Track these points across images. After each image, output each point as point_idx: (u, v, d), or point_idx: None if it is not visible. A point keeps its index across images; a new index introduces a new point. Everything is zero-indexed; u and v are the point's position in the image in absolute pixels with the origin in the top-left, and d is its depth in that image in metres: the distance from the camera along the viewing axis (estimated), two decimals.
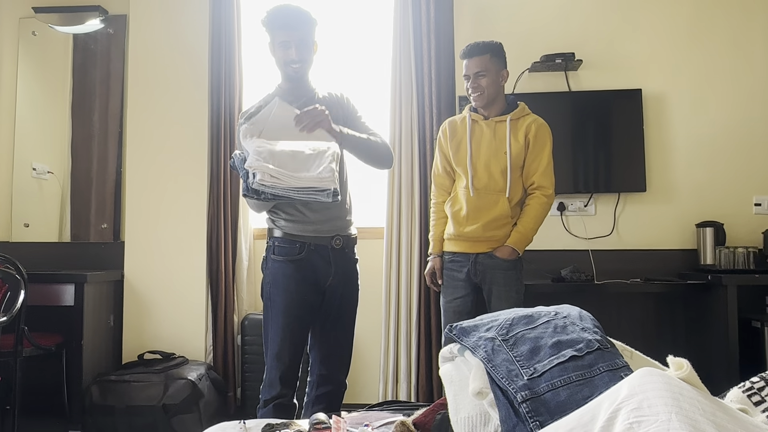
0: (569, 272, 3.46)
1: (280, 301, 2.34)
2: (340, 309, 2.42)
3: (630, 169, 3.70)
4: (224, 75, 3.87)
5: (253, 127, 2.27)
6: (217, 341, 3.78)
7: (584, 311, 1.42)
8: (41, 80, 4.16)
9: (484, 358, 1.32)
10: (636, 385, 0.97)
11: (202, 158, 3.84)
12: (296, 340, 2.36)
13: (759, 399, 1.29)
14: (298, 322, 2.36)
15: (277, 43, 2.37)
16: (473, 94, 2.82)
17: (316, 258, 2.34)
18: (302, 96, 2.43)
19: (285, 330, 2.33)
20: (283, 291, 2.34)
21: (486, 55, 2.78)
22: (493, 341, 1.36)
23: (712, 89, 3.75)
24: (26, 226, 4.06)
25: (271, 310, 2.37)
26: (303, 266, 2.34)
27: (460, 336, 1.44)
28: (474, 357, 1.37)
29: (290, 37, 2.35)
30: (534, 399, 1.18)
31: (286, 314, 2.34)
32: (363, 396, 3.70)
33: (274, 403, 2.31)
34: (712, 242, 3.53)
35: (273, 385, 2.33)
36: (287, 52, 2.37)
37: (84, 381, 3.40)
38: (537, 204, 2.81)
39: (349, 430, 1.56)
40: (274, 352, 2.34)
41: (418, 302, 3.67)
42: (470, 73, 2.80)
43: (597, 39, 3.81)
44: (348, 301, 2.46)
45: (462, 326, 1.47)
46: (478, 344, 1.38)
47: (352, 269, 2.47)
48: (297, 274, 2.34)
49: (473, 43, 2.83)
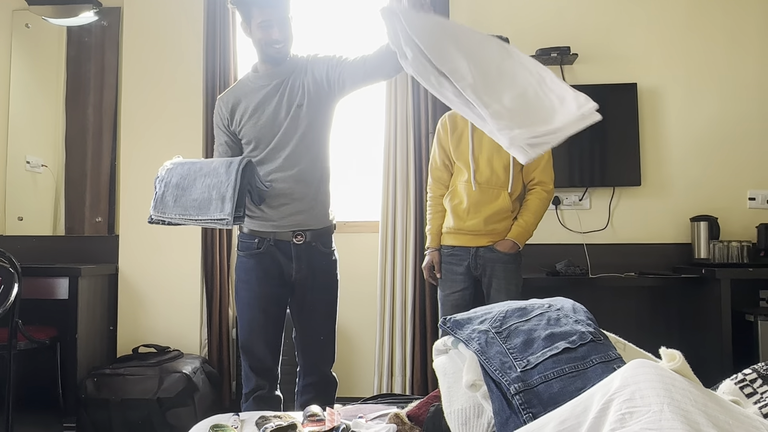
0: (564, 266, 3.46)
1: (244, 295, 2.38)
2: (313, 302, 2.39)
3: (625, 163, 3.71)
4: (219, 67, 3.86)
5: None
6: (212, 335, 3.78)
7: (578, 304, 1.42)
8: (35, 73, 4.13)
9: (477, 350, 1.32)
10: (628, 376, 0.98)
11: (197, 151, 3.83)
12: (265, 332, 2.36)
13: (751, 391, 1.30)
14: (264, 315, 2.36)
15: (256, 23, 2.24)
16: None
17: (277, 253, 2.33)
18: (272, 79, 2.33)
19: (251, 323, 2.36)
20: (246, 285, 2.37)
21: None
22: (486, 333, 1.36)
23: (707, 84, 3.76)
24: (20, 219, 4.04)
25: (237, 303, 2.42)
26: (263, 260, 2.34)
27: (454, 328, 1.45)
28: (467, 349, 1.37)
29: (270, 16, 2.22)
30: (527, 391, 1.18)
31: (250, 307, 2.36)
32: (358, 389, 3.71)
33: (254, 396, 2.33)
34: (706, 236, 3.54)
35: (248, 378, 2.36)
36: (269, 32, 2.24)
37: (78, 374, 3.39)
38: (537, 199, 2.84)
39: (342, 421, 1.56)
40: (242, 345, 2.39)
41: (413, 296, 3.68)
42: None
43: (592, 33, 3.80)
44: (321, 293, 2.40)
45: (456, 319, 1.47)
46: (471, 337, 1.38)
47: (323, 262, 2.39)
48: (258, 267, 2.34)
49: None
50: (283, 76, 2.34)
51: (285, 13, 2.26)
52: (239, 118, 2.35)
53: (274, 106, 2.32)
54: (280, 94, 2.32)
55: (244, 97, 2.35)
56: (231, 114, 2.36)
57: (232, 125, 2.37)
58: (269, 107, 2.32)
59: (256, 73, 2.38)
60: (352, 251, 2.60)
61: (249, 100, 2.34)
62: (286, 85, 2.33)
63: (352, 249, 2.61)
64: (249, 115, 2.33)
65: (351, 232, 3.81)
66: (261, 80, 2.35)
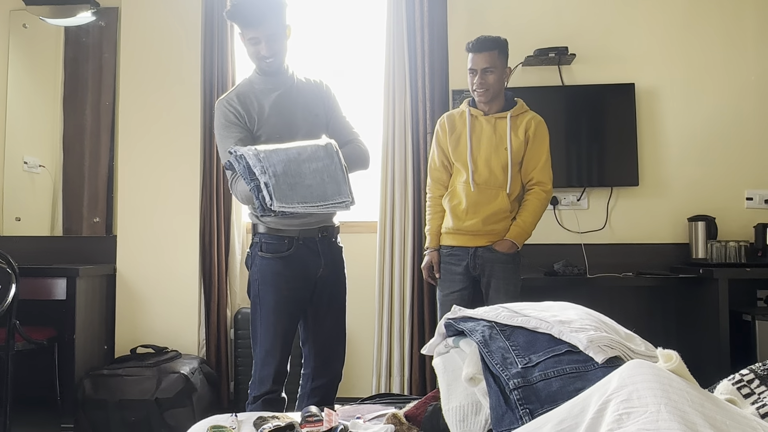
0: (562, 266, 3.47)
1: (270, 299, 2.32)
2: (330, 298, 2.42)
3: (623, 163, 3.71)
4: (216, 68, 3.85)
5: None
6: (210, 335, 3.78)
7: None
8: (32, 73, 4.13)
9: (480, 341, 1.33)
10: (626, 376, 0.98)
11: (195, 152, 3.83)
12: (287, 337, 2.35)
13: (749, 391, 1.30)
14: (288, 319, 2.35)
15: (246, 38, 2.28)
16: (478, 89, 2.81)
17: (304, 251, 2.33)
18: (280, 85, 2.37)
19: (276, 327, 2.32)
20: (273, 288, 2.32)
21: (494, 51, 2.77)
22: (491, 328, 1.37)
23: (704, 84, 3.76)
24: (18, 220, 4.04)
25: (261, 308, 2.34)
26: (292, 261, 2.32)
27: (459, 322, 1.46)
28: (469, 346, 1.38)
29: (257, 33, 2.24)
30: (526, 387, 1.19)
31: (276, 312, 2.32)
32: (356, 389, 3.71)
33: (263, 399, 2.31)
34: (704, 236, 3.54)
35: (264, 382, 2.32)
36: (257, 48, 2.27)
37: (76, 375, 3.39)
38: (536, 199, 2.84)
39: (340, 422, 1.56)
40: (265, 350, 2.33)
41: (411, 296, 3.68)
42: (477, 68, 2.78)
43: (590, 33, 3.81)
44: (338, 289, 2.46)
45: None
46: (475, 329, 1.38)
47: (339, 257, 2.47)
48: (286, 270, 2.32)
49: (482, 37, 2.81)
50: (291, 83, 2.40)
51: (274, 29, 2.27)
52: (256, 116, 2.34)
53: (291, 108, 2.36)
54: (293, 98, 2.37)
55: (257, 97, 2.36)
56: (246, 112, 2.35)
57: (248, 122, 2.35)
58: (286, 109, 2.35)
59: (263, 77, 2.39)
60: (350, 251, 2.59)
61: (263, 100, 2.35)
62: (298, 93, 2.39)
63: (350, 249, 2.60)
64: (267, 114, 2.34)
65: (349, 232, 3.78)
66: (270, 83, 2.37)
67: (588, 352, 1.20)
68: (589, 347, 1.20)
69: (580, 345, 1.22)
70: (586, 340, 1.22)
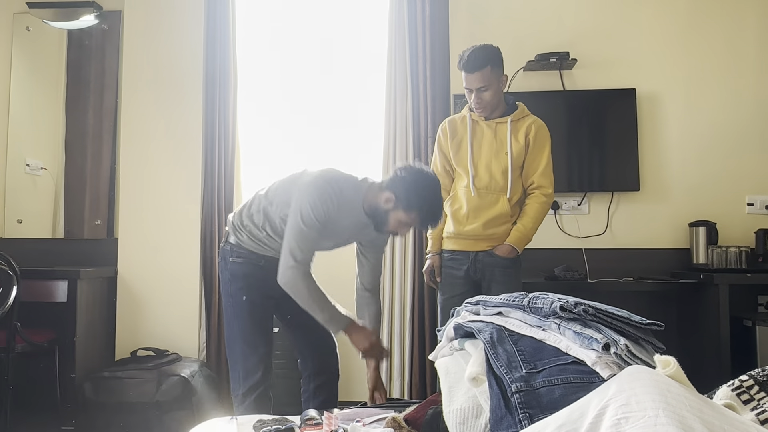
0: (562, 271, 3.47)
1: (241, 294, 2.37)
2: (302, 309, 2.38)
3: (624, 168, 3.71)
4: (219, 71, 3.86)
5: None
6: (211, 338, 3.78)
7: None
8: (35, 76, 4.14)
9: (487, 341, 1.33)
10: (624, 382, 0.98)
11: (197, 155, 3.84)
12: (264, 327, 2.38)
13: (748, 397, 1.30)
14: (261, 310, 2.38)
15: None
16: (477, 108, 2.79)
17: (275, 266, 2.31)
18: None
19: (253, 316, 2.35)
20: (244, 282, 2.37)
21: (487, 68, 2.70)
22: (500, 331, 1.37)
23: (705, 89, 3.77)
24: (19, 222, 4.04)
25: (234, 303, 2.39)
26: (263, 269, 2.37)
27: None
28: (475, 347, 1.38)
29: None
30: (528, 392, 1.19)
31: (250, 302, 2.36)
32: (356, 393, 3.70)
33: (255, 395, 2.29)
34: (704, 241, 3.54)
35: (251, 373, 2.31)
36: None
37: (77, 377, 3.39)
38: (537, 203, 2.83)
39: (340, 425, 1.56)
40: (245, 340, 2.34)
41: (411, 300, 3.67)
42: (472, 87, 2.74)
43: (591, 38, 3.81)
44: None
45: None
46: (484, 329, 1.39)
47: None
48: (257, 272, 2.38)
49: (471, 53, 2.73)
50: None
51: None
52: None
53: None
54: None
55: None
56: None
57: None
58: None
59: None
60: (350, 255, 2.59)
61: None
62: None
63: (351, 253, 2.60)
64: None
65: None
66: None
67: (595, 368, 1.21)
68: (596, 363, 1.21)
69: (588, 361, 1.23)
70: (594, 356, 1.23)
